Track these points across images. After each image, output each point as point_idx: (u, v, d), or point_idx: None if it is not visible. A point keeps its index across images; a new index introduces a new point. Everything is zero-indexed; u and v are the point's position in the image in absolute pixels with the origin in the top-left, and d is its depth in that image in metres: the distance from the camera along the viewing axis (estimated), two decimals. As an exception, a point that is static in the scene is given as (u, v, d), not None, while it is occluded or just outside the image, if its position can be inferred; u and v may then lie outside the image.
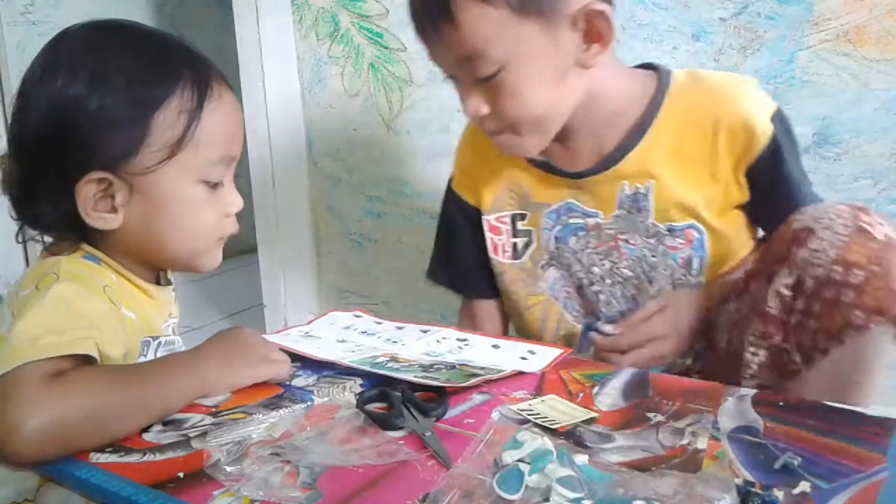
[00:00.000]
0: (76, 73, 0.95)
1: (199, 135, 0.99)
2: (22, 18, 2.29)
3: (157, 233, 1.01)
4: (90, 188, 0.96)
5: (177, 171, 0.99)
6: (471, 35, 1.11)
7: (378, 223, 2.08)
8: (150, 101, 0.96)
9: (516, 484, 0.69)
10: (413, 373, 0.96)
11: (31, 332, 0.84)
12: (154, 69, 0.99)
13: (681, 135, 1.22)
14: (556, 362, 1.03)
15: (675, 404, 0.88)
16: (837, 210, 1.01)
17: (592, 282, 1.30)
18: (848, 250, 0.97)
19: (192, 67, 1.01)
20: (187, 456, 0.78)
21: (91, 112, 0.94)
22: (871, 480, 0.70)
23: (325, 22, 2.02)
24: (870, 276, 0.96)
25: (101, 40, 1.00)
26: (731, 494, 0.67)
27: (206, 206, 1.03)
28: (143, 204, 0.99)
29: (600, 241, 1.28)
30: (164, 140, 0.97)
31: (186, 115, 0.98)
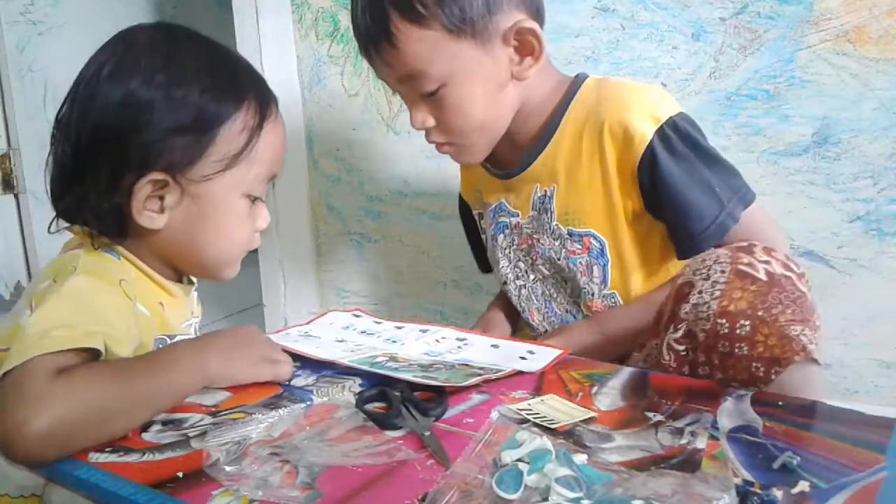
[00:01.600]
0: (152, 78, 0.98)
1: (256, 152, 1.05)
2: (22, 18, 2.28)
3: (196, 237, 1.05)
4: (147, 187, 0.99)
5: (229, 182, 1.04)
6: (411, 56, 1.18)
7: (378, 223, 2.08)
8: (219, 114, 1.01)
9: (515, 483, 0.69)
10: (412, 372, 0.96)
11: (44, 325, 0.85)
12: (225, 85, 1.03)
13: (578, 141, 1.26)
14: (555, 362, 1.03)
15: (674, 404, 0.88)
16: (716, 256, 0.99)
17: (518, 275, 1.39)
18: (728, 300, 0.94)
19: (257, 88, 1.07)
20: (186, 455, 0.79)
21: (164, 117, 0.98)
22: (869, 480, 0.70)
23: (324, 21, 2.02)
24: (756, 324, 0.92)
25: (175, 48, 1.03)
26: (730, 494, 0.67)
27: (244, 219, 1.08)
28: (191, 208, 1.03)
29: (520, 238, 1.36)
30: (226, 152, 1.02)
31: (248, 132, 1.04)
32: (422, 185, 1.99)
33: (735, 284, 0.95)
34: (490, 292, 1.91)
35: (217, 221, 1.05)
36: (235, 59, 1.10)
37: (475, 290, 1.97)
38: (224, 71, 1.05)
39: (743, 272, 0.95)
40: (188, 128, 0.99)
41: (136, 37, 1.03)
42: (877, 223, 1.50)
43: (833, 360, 1.58)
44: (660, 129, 1.19)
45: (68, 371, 0.81)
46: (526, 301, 1.39)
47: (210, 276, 1.13)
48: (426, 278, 2.04)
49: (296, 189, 2.16)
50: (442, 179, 1.95)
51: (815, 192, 1.54)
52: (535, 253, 1.34)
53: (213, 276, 1.12)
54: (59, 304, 0.89)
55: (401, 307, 2.09)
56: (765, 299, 0.93)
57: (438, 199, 1.97)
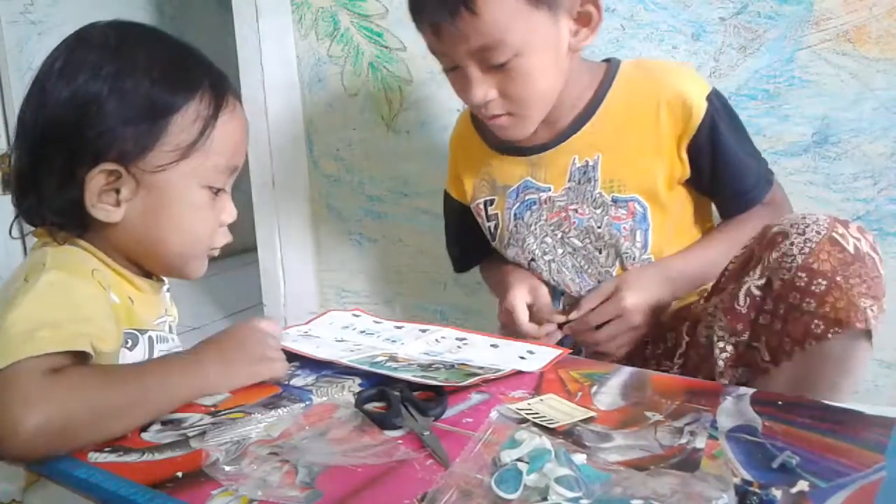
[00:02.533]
0: (100, 71, 0.98)
1: (211, 142, 1.03)
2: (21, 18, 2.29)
3: (155, 230, 1.03)
4: (99, 179, 0.98)
5: (185, 172, 1.02)
6: (491, 24, 1.17)
7: (378, 222, 2.08)
8: (170, 104, 1.00)
9: (514, 483, 0.69)
10: (412, 372, 0.96)
11: (26, 324, 0.85)
12: (177, 76, 1.02)
13: (626, 114, 1.32)
14: (554, 362, 1.03)
15: (673, 403, 0.88)
16: (816, 218, 1.04)
17: (545, 251, 1.40)
18: (815, 258, 1.00)
19: (211, 78, 1.05)
20: (186, 455, 0.79)
21: (112, 107, 0.97)
22: (869, 479, 0.70)
23: (324, 21, 2.02)
24: (832, 286, 0.99)
25: (126, 42, 1.02)
26: (729, 494, 0.67)
27: (206, 210, 1.06)
28: (147, 200, 1.01)
29: (551, 212, 1.38)
30: (179, 142, 1.00)
31: (202, 121, 1.02)
32: (421, 184, 1.99)
33: (825, 247, 1.01)
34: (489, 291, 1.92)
35: (175, 213, 1.03)
36: (190, 53, 1.08)
37: (475, 290, 1.96)
38: (176, 63, 1.05)
39: (835, 239, 1.01)
40: (138, 117, 0.98)
41: (89, 33, 1.03)
42: (877, 223, 1.50)
43: (833, 360, 1.58)
44: (709, 99, 1.28)
45: (62, 372, 0.81)
46: (557, 274, 1.40)
47: (175, 273, 1.11)
48: (426, 278, 2.04)
49: (296, 189, 2.16)
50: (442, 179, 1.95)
51: (815, 191, 1.54)
52: (569, 225, 1.37)
53: (178, 273, 1.11)
54: (37, 301, 0.89)
55: (401, 307, 2.09)
56: (847, 269, 0.99)
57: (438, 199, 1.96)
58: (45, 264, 0.95)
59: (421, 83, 1.92)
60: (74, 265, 0.98)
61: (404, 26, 1.90)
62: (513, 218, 1.42)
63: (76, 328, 0.87)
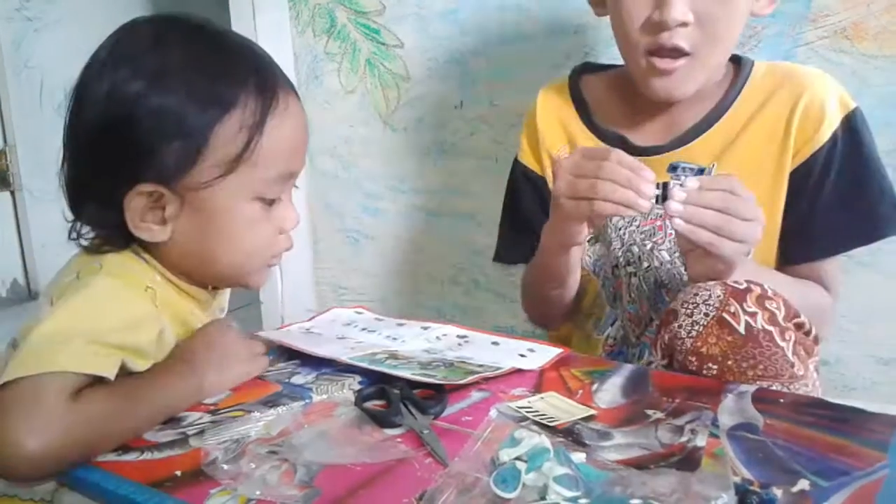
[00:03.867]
0: (139, 69, 0.90)
1: (259, 152, 0.93)
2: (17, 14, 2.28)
3: (206, 249, 0.96)
4: (140, 199, 0.91)
5: (232, 187, 0.93)
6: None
7: (375, 220, 2.08)
8: (210, 112, 0.91)
9: (513, 482, 0.69)
10: (411, 370, 0.96)
11: (62, 332, 0.82)
12: (218, 76, 0.92)
13: (754, 122, 1.23)
14: (554, 360, 1.03)
15: (674, 401, 0.88)
16: (707, 296, 0.99)
17: (629, 261, 1.30)
18: (703, 342, 0.97)
19: (258, 75, 0.95)
20: (185, 454, 0.78)
21: (148, 114, 0.89)
22: (871, 478, 0.70)
23: (321, 18, 2.01)
24: (723, 370, 0.96)
25: (167, 36, 0.94)
26: (729, 493, 0.67)
27: (260, 223, 0.98)
28: (195, 219, 0.94)
29: (646, 219, 1.27)
30: (222, 155, 0.91)
31: (248, 130, 0.92)
32: (419, 182, 1.98)
33: (712, 330, 0.96)
34: (488, 289, 1.92)
35: (226, 230, 0.95)
36: (235, 48, 0.97)
37: (473, 288, 1.97)
38: (217, 63, 0.94)
39: (724, 320, 0.96)
40: (176, 132, 0.89)
41: (132, 29, 0.95)
42: (875, 220, 1.50)
43: (831, 357, 1.58)
44: (846, 118, 1.19)
45: (80, 396, 0.79)
46: (636, 290, 1.30)
47: (235, 286, 1.06)
48: (424, 276, 2.04)
49: (293, 186, 2.15)
50: (439, 177, 1.95)
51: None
52: (664, 236, 1.27)
53: (239, 286, 1.05)
54: (82, 306, 0.86)
55: (398, 305, 2.09)
56: (737, 352, 0.95)
57: (436, 197, 1.97)
58: (101, 267, 0.91)
59: (418, 80, 1.92)
60: (131, 276, 0.93)
61: (401, 23, 1.90)
62: None
63: (111, 346, 0.84)
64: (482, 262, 1.93)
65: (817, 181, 1.20)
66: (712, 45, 1.17)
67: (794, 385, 0.96)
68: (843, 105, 1.20)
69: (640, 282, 1.29)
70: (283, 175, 0.98)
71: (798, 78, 1.23)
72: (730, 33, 1.18)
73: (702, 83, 1.21)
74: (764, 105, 1.23)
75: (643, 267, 1.28)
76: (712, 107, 1.26)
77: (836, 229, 1.21)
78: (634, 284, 1.30)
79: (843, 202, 1.20)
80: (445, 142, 1.92)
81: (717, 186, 1.00)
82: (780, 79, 1.24)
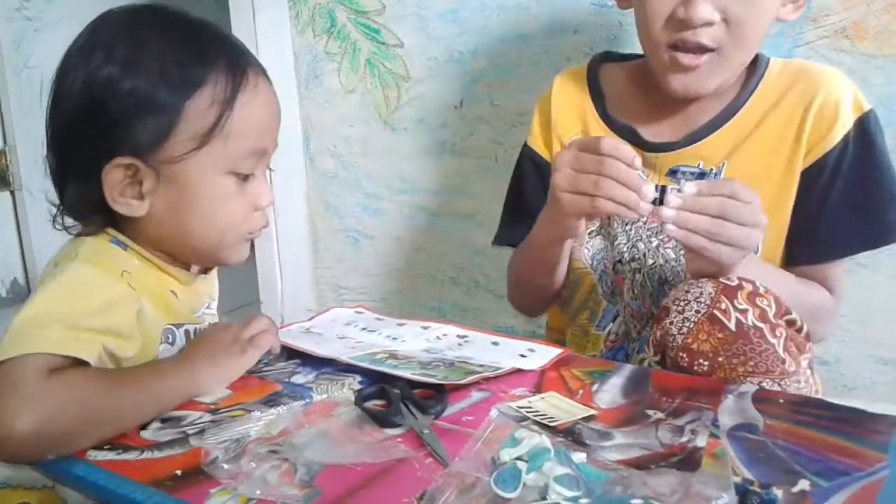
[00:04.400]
0: (112, 54, 0.93)
1: (231, 126, 0.97)
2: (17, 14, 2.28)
3: (183, 222, 1.00)
4: (117, 173, 0.94)
5: (206, 161, 0.97)
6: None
7: (375, 219, 2.08)
8: (182, 88, 0.95)
9: (514, 482, 0.69)
10: (412, 370, 0.96)
11: (40, 318, 0.84)
12: (189, 56, 0.96)
13: (767, 122, 1.23)
14: (555, 360, 1.03)
15: (674, 401, 0.88)
16: (699, 293, 1.00)
17: (634, 257, 1.30)
18: (693, 338, 0.98)
19: (228, 56, 0.99)
20: (185, 453, 0.78)
21: (122, 94, 0.93)
22: (871, 479, 0.70)
23: (321, 18, 2.01)
24: (714, 366, 0.97)
25: (140, 23, 0.98)
26: (730, 493, 0.67)
27: (234, 198, 1.01)
28: (171, 192, 0.98)
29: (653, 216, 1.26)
30: (195, 129, 0.95)
31: (219, 105, 0.96)
32: (419, 181, 1.98)
33: (703, 327, 0.98)
34: (488, 289, 1.92)
35: (200, 204, 0.99)
36: (206, 30, 1.01)
37: (473, 287, 1.97)
38: (188, 42, 0.98)
39: (715, 317, 0.97)
40: (150, 106, 0.93)
41: (106, 18, 0.99)
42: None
43: (830, 357, 1.58)
44: (859, 120, 1.19)
45: (59, 374, 0.80)
46: (640, 287, 1.30)
47: (214, 262, 1.09)
48: (424, 275, 2.04)
49: (292, 186, 2.15)
50: (439, 177, 1.95)
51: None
52: None
53: (217, 262, 1.08)
54: (58, 293, 0.88)
55: (398, 304, 2.09)
56: (728, 348, 0.96)
57: (436, 196, 1.97)
58: (77, 255, 0.94)
59: (418, 80, 1.92)
60: (105, 262, 0.96)
61: (402, 23, 1.90)
62: None
63: (90, 330, 0.86)
64: (482, 262, 1.93)
65: (827, 182, 1.20)
66: (738, 45, 1.16)
67: (786, 381, 0.97)
68: (858, 106, 1.20)
69: (643, 278, 1.29)
70: (255, 150, 1.01)
71: (813, 76, 1.23)
72: (755, 34, 1.17)
73: (722, 81, 1.21)
74: (778, 103, 1.23)
75: (648, 263, 1.28)
76: (727, 104, 1.25)
77: (843, 232, 1.21)
78: (638, 281, 1.29)
79: (852, 205, 1.20)
80: (445, 142, 1.92)
81: (715, 192, 0.99)
82: (795, 76, 1.24)
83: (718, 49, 1.16)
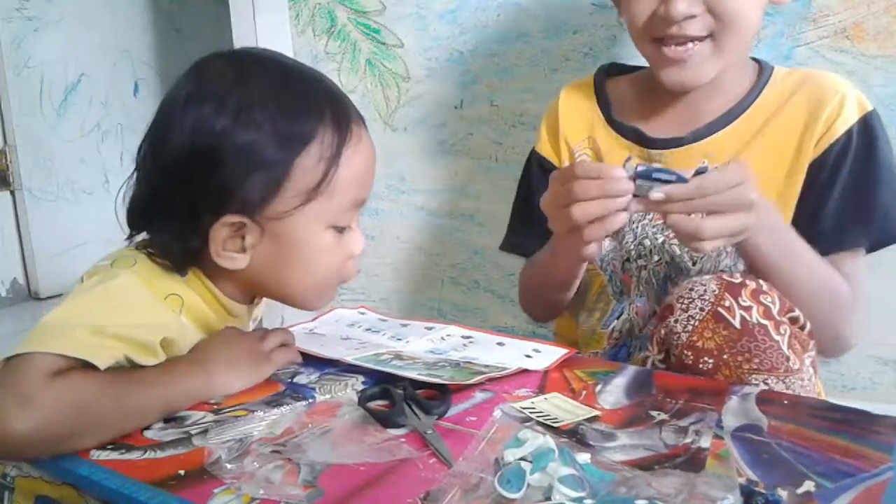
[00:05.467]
0: (223, 105, 0.93)
1: (336, 181, 0.97)
2: (17, 14, 2.28)
3: (281, 274, 1.00)
4: (224, 230, 0.95)
5: (310, 216, 0.97)
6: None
7: (375, 220, 2.07)
8: (292, 144, 0.95)
9: (518, 482, 0.69)
10: (416, 370, 0.96)
11: (72, 318, 0.85)
12: (298, 109, 0.97)
13: (776, 119, 1.23)
14: (559, 361, 1.03)
15: (678, 402, 0.88)
16: (703, 290, 1.00)
17: (640, 254, 1.30)
18: (698, 336, 0.98)
19: (334, 108, 0.99)
20: (188, 453, 0.78)
21: (236, 149, 0.93)
22: (876, 480, 0.70)
23: (321, 18, 2.01)
24: (719, 364, 0.97)
25: (247, 73, 0.97)
26: (735, 494, 0.67)
27: (333, 250, 1.02)
28: (273, 247, 0.98)
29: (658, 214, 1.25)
30: (302, 186, 0.95)
31: (326, 161, 0.96)
32: (419, 181, 1.98)
33: (708, 324, 0.98)
34: (488, 289, 1.92)
35: (301, 257, 0.99)
36: (310, 80, 1.01)
37: (472, 287, 1.96)
38: (296, 97, 0.98)
39: (719, 315, 0.98)
40: (260, 167, 0.93)
41: (209, 65, 0.99)
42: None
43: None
44: (863, 117, 1.19)
45: (64, 374, 0.80)
46: (645, 284, 1.30)
47: (299, 307, 1.08)
48: (423, 275, 2.04)
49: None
50: (439, 177, 1.95)
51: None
52: None
53: (305, 308, 1.08)
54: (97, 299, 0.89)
55: (398, 304, 2.09)
56: (733, 345, 0.96)
57: (435, 196, 1.97)
58: (135, 262, 0.95)
59: (418, 80, 1.92)
60: (157, 280, 0.96)
61: (402, 23, 1.90)
62: None
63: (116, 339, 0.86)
64: (482, 262, 1.93)
65: (830, 174, 1.19)
66: (729, 29, 1.15)
67: (790, 379, 0.97)
68: (862, 106, 1.20)
69: (649, 275, 1.29)
70: (355, 202, 1.02)
71: (818, 78, 1.24)
72: (746, 18, 1.16)
73: (719, 70, 1.20)
74: (785, 104, 1.23)
75: (654, 260, 1.28)
76: (734, 104, 1.25)
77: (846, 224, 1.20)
78: (644, 277, 1.29)
79: (855, 196, 1.19)
80: (445, 142, 1.92)
81: (682, 195, 0.98)
82: (801, 81, 1.24)
83: (711, 36, 1.16)
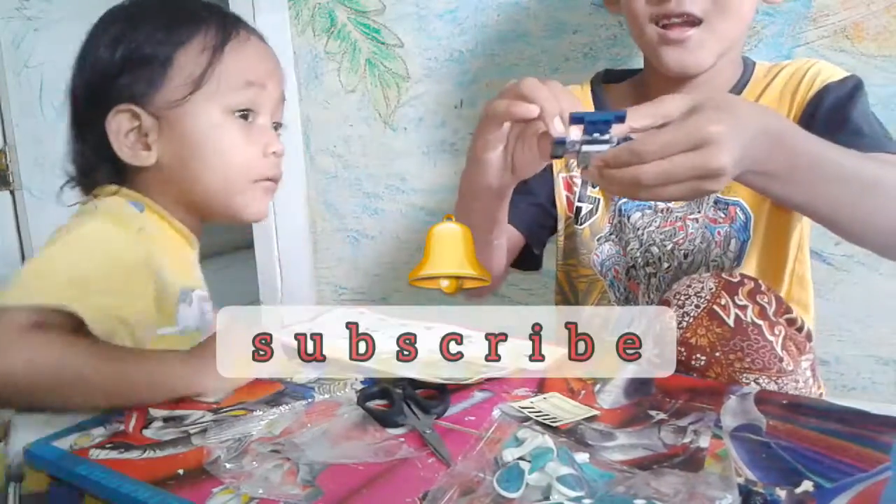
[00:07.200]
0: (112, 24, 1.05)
1: (222, 68, 1.04)
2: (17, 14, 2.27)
3: (190, 169, 1.04)
4: (119, 121, 1.01)
5: (201, 101, 1.03)
6: None
7: (375, 219, 2.08)
8: (173, 41, 1.03)
9: (517, 482, 0.68)
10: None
11: (50, 266, 0.88)
12: (180, 17, 1.05)
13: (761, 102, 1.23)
14: (558, 361, 1.03)
15: (677, 402, 0.87)
16: (700, 288, 1.00)
17: (648, 262, 1.30)
18: (692, 333, 0.98)
19: (218, 16, 1.08)
20: (187, 453, 0.78)
21: (123, 50, 1.02)
22: (874, 480, 0.70)
23: (321, 17, 2.01)
24: (711, 361, 0.97)
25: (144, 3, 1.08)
26: (733, 493, 0.67)
27: (238, 142, 1.06)
28: (175, 139, 1.03)
29: (666, 221, 1.27)
30: (187, 74, 1.03)
31: (209, 52, 1.04)
32: (419, 181, 1.99)
33: (702, 322, 0.98)
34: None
35: (203, 147, 1.04)
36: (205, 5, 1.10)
37: (472, 287, 1.96)
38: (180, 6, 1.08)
39: (714, 312, 0.97)
40: (144, 59, 1.02)
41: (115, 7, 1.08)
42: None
43: (830, 357, 1.58)
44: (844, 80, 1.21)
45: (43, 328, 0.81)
46: (655, 292, 1.31)
47: (226, 214, 1.09)
48: (423, 275, 2.04)
49: (293, 186, 2.15)
50: (439, 177, 1.95)
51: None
52: (685, 237, 1.27)
53: (232, 214, 1.09)
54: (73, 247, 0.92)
55: (398, 304, 2.09)
56: (725, 343, 0.96)
57: (435, 196, 1.97)
58: (96, 207, 0.99)
59: (418, 80, 1.92)
60: (124, 219, 0.99)
61: (402, 22, 1.90)
62: (618, 213, 1.32)
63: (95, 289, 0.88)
64: (482, 262, 1.93)
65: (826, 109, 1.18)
66: (722, 13, 1.15)
67: (783, 380, 0.97)
68: (841, 72, 1.22)
69: (659, 282, 1.29)
70: (248, 82, 1.07)
71: (798, 62, 1.27)
72: (740, 4, 1.17)
73: (716, 55, 1.19)
74: (769, 86, 1.25)
75: (663, 267, 1.29)
76: None
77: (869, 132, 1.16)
78: (654, 285, 1.30)
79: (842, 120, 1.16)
80: (445, 142, 1.92)
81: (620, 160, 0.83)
82: (781, 66, 1.27)
83: (705, 20, 1.16)
